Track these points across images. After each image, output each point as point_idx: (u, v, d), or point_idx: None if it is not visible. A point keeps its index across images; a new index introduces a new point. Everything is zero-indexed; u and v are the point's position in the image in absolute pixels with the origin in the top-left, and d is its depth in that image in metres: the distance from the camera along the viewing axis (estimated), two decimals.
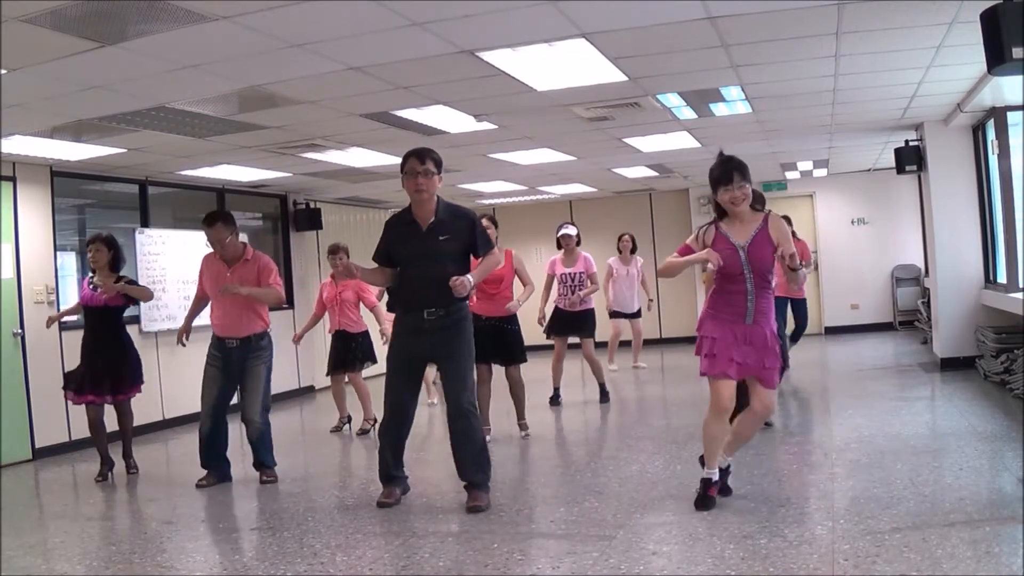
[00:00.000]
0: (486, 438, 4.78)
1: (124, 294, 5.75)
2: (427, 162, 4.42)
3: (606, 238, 10.37)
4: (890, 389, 7.60)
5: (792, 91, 6.49)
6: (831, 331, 12.69)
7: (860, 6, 4.43)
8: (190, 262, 8.30)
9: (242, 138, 6.85)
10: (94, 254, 5.77)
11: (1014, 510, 3.74)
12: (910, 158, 8.51)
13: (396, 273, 4.67)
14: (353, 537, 4.12)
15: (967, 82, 6.50)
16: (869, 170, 12.35)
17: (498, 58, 5.05)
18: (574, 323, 7.80)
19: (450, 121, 6.72)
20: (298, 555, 3.85)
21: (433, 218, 4.48)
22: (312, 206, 10.60)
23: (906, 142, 8.54)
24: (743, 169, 3.97)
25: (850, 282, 12.70)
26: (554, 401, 7.88)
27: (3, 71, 4.48)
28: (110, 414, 5.91)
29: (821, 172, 12.27)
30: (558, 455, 5.98)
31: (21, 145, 6.37)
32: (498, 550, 3.72)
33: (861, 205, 12.92)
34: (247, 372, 5.35)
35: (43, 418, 6.92)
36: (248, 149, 7.34)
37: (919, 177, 9.82)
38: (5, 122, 5.53)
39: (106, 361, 5.74)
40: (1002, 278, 7.64)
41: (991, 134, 7.52)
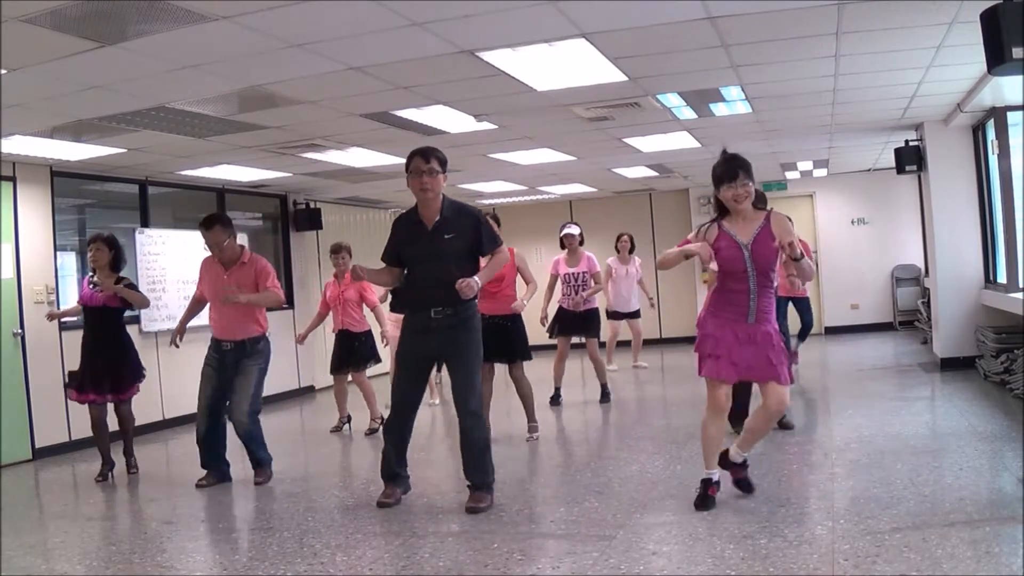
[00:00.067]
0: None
1: (121, 296, 5.75)
2: (432, 161, 4.41)
3: (606, 238, 10.36)
4: (890, 389, 7.60)
5: (792, 91, 6.49)
6: (831, 331, 12.69)
7: (860, 6, 4.43)
8: (190, 262, 8.30)
9: (242, 138, 6.85)
10: (95, 254, 5.77)
11: (1014, 510, 3.74)
12: (910, 158, 8.51)
13: (403, 273, 4.66)
14: (353, 537, 4.12)
15: (967, 82, 6.50)
16: (869, 170, 12.35)
17: (498, 58, 5.05)
18: (578, 323, 7.79)
19: (450, 121, 6.72)
20: (298, 555, 3.85)
21: (438, 217, 4.46)
22: (312, 206, 10.60)
23: (906, 142, 8.54)
24: (746, 167, 3.97)
25: (850, 282, 12.70)
26: (554, 401, 7.87)
27: (3, 71, 4.48)
28: (112, 414, 5.91)
29: (821, 172, 12.27)
30: (558, 455, 5.98)
31: (21, 145, 6.37)
32: (498, 550, 3.72)
33: (861, 205, 12.92)
34: (239, 372, 5.35)
35: (43, 418, 6.93)
36: (248, 149, 7.34)
37: (919, 177, 9.82)
38: (5, 122, 5.53)
39: (106, 361, 5.75)
40: (1002, 278, 7.64)
41: (991, 134, 7.51)
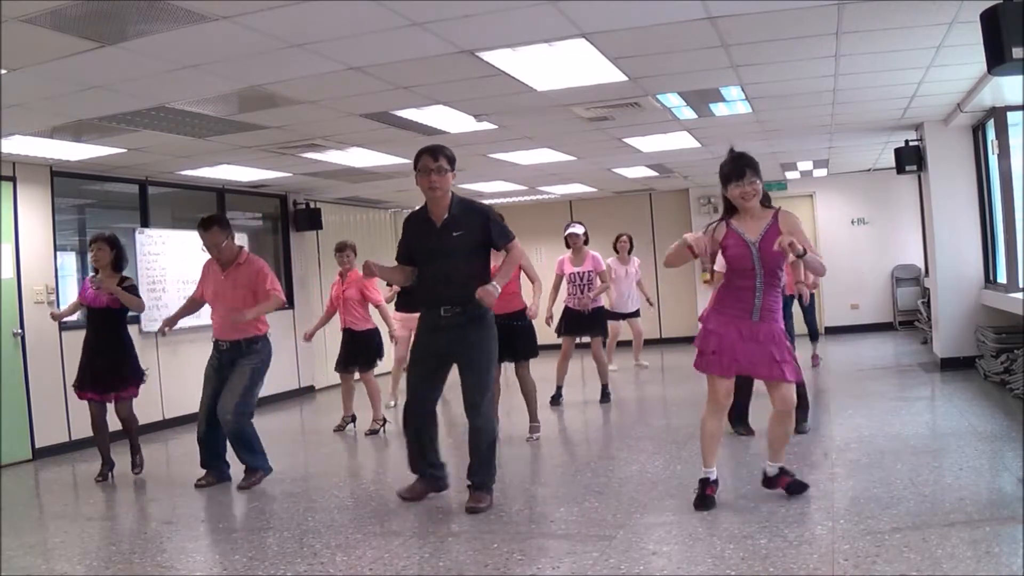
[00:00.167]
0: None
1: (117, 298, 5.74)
2: (440, 159, 4.40)
3: (606, 238, 10.36)
4: (890, 389, 7.60)
5: (792, 91, 6.49)
6: (831, 331, 12.68)
7: (860, 6, 4.43)
8: (190, 262, 8.30)
9: (242, 138, 6.85)
10: (96, 253, 5.77)
11: (1014, 510, 3.74)
12: (910, 158, 8.51)
13: (414, 272, 4.65)
14: (353, 537, 4.12)
15: (967, 82, 6.50)
16: (869, 170, 12.35)
17: (498, 58, 5.05)
18: (584, 323, 7.79)
19: (450, 121, 6.72)
20: (298, 555, 3.85)
21: (447, 215, 4.45)
22: (312, 206, 10.60)
23: (906, 142, 8.53)
24: (754, 165, 3.99)
25: (850, 282, 12.69)
26: (555, 401, 7.86)
27: (3, 71, 4.48)
28: (113, 415, 5.89)
29: (821, 172, 12.27)
30: (558, 455, 5.98)
31: (21, 145, 6.37)
32: (498, 550, 3.72)
33: (861, 205, 12.92)
34: (233, 370, 5.35)
35: (43, 418, 6.93)
36: (248, 149, 7.34)
37: (919, 177, 9.81)
38: (5, 122, 5.53)
39: (106, 361, 5.75)
40: (1002, 278, 7.64)
41: (991, 134, 7.51)
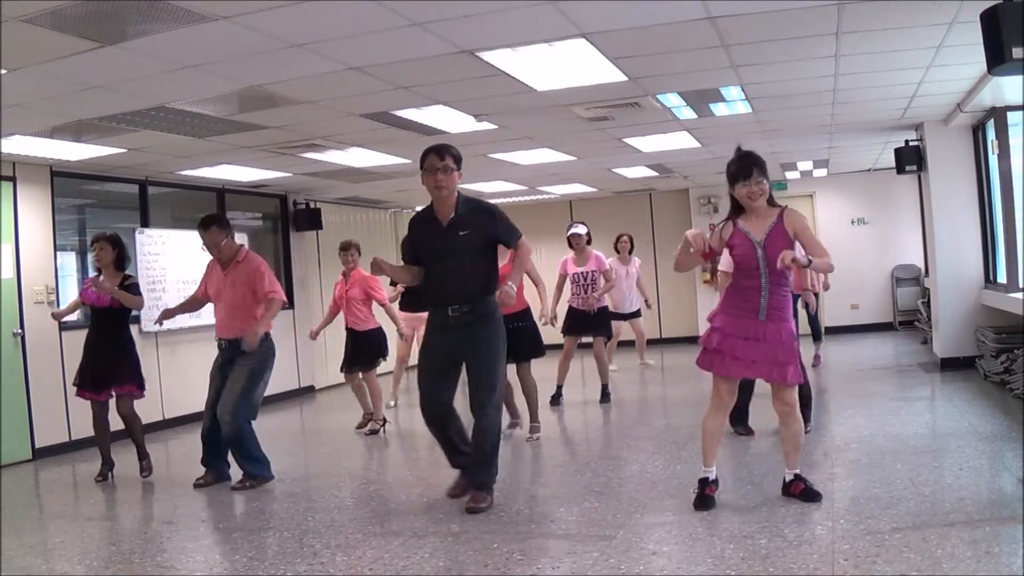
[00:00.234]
0: (501, 436, 4.66)
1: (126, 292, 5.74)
2: (446, 158, 4.39)
3: (606, 238, 10.35)
4: (890, 389, 7.60)
5: (792, 91, 6.49)
6: (831, 331, 12.65)
7: (860, 6, 4.43)
8: (190, 262, 8.30)
9: (242, 138, 6.85)
10: (98, 253, 5.77)
11: (1014, 510, 3.74)
12: (910, 158, 8.51)
13: (422, 271, 4.65)
14: (353, 537, 4.12)
15: (967, 82, 6.50)
16: (869, 170, 12.35)
17: (498, 58, 5.05)
18: (590, 322, 7.80)
19: (450, 121, 6.72)
20: (298, 555, 3.85)
21: (453, 214, 4.45)
22: (312, 206, 10.60)
23: (906, 142, 8.53)
24: (761, 164, 4.00)
25: (850, 282, 12.66)
26: (555, 400, 7.86)
27: (3, 71, 4.48)
28: (115, 416, 5.87)
29: (821, 172, 12.27)
30: (558, 455, 5.98)
31: (21, 145, 6.37)
32: (498, 550, 3.72)
33: (861, 205, 12.92)
34: (232, 370, 5.35)
35: (43, 418, 6.93)
36: (248, 149, 7.34)
37: (919, 177, 9.81)
38: (5, 122, 5.53)
39: (105, 360, 5.74)
40: (1002, 278, 7.64)
41: (991, 134, 7.51)
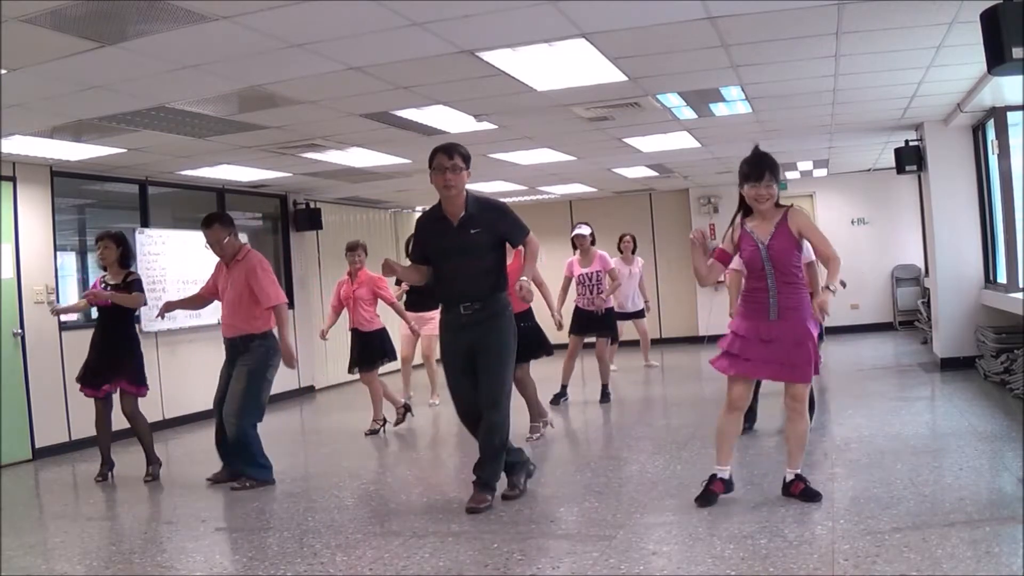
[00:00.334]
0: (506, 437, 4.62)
1: (126, 289, 5.73)
2: (455, 157, 4.39)
3: (606, 238, 10.34)
4: (890, 389, 7.60)
5: (792, 91, 6.49)
6: (831, 331, 12.56)
7: (860, 6, 4.43)
8: (190, 262, 8.31)
9: (242, 138, 6.84)
10: (102, 251, 5.78)
11: (1014, 510, 3.73)
12: (910, 158, 8.51)
13: (430, 270, 4.63)
14: (353, 537, 4.12)
15: (967, 82, 6.50)
16: (869, 170, 12.34)
17: (498, 58, 5.05)
18: (596, 322, 7.81)
19: (450, 121, 6.72)
20: (298, 555, 3.85)
21: (464, 213, 4.45)
22: (312, 206, 10.60)
23: (906, 142, 8.53)
24: (774, 168, 4.02)
25: (850, 282, 12.58)
26: (557, 399, 7.86)
27: (3, 71, 4.48)
28: (119, 416, 5.87)
29: (821, 172, 12.27)
30: (558, 454, 5.98)
31: (21, 145, 6.37)
32: (498, 550, 3.72)
33: (861, 205, 12.91)
34: (234, 372, 5.36)
35: (43, 418, 6.92)
36: (248, 149, 7.34)
37: (919, 177, 9.81)
38: (5, 122, 5.53)
39: (108, 357, 5.74)
40: (1002, 278, 7.64)
41: (991, 134, 7.51)
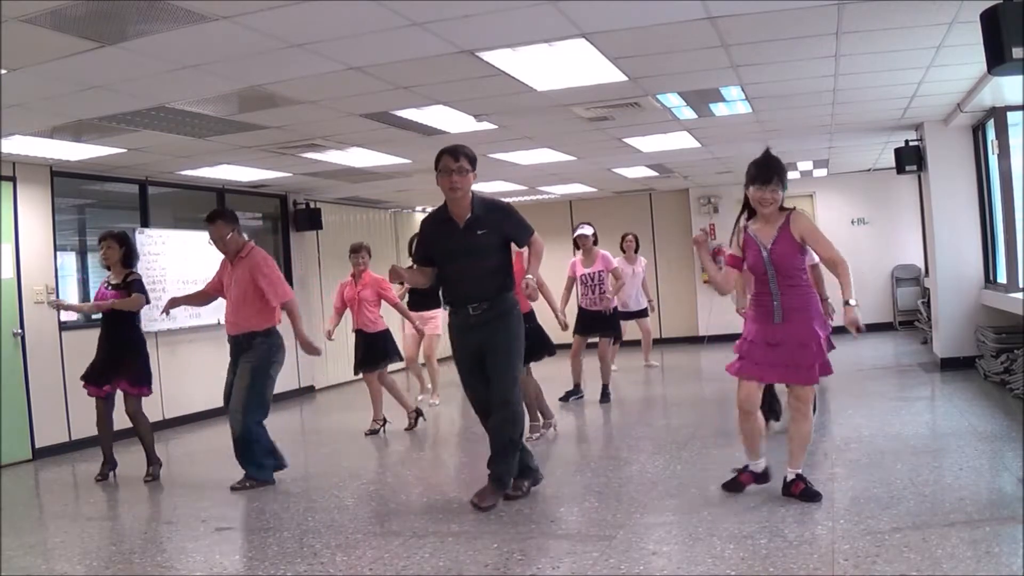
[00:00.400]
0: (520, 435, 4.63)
1: (126, 289, 5.73)
2: (461, 159, 4.39)
3: (606, 238, 10.33)
4: (890, 389, 7.60)
5: (792, 91, 6.49)
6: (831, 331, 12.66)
7: (860, 6, 4.43)
8: (190, 262, 8.31)
9: (242, 138, 6.84)
10: (105, 251, 5.78)
11: (1014, 510, 3.74)
12: (910, 158, 8.51)
13: (435, 272, 4.64)
14: (353, 537, 4.12)
15: (967, 82, 6.50)
16: (869, 170, 12.35)
17: (498, 58, 5.05)
18: (600, 322, 7.82)
19: (450, 121, 6.72)
20: (298, 555, 3.85)
21: (469, 214, 4.46)
22: (312, 206, 10.60)
23: (906, 142, 8.54)
24: (782, 173, 4.04)
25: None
26: (566, 398, 7.91)
27: (3, 71, 4.48)
28: (121, 416, 5.87)
29: (821, 172, 12.27)
30: (558, 454, 5.98)
31: (21, 145, 6.37)
32: (498, 550, 3.72)
33: (861, 205, 12.91)
34: (238, 369, 5.35)
35: (43, 418, 6.92)
36: (248, 149, 7.34)
37: (919, 177, 9.81)
38: (5, 122, 5.53)
39: (111, 357, 5.75)
40: (1002, 278, 7.64)
41: (991, 134, 7.51)
